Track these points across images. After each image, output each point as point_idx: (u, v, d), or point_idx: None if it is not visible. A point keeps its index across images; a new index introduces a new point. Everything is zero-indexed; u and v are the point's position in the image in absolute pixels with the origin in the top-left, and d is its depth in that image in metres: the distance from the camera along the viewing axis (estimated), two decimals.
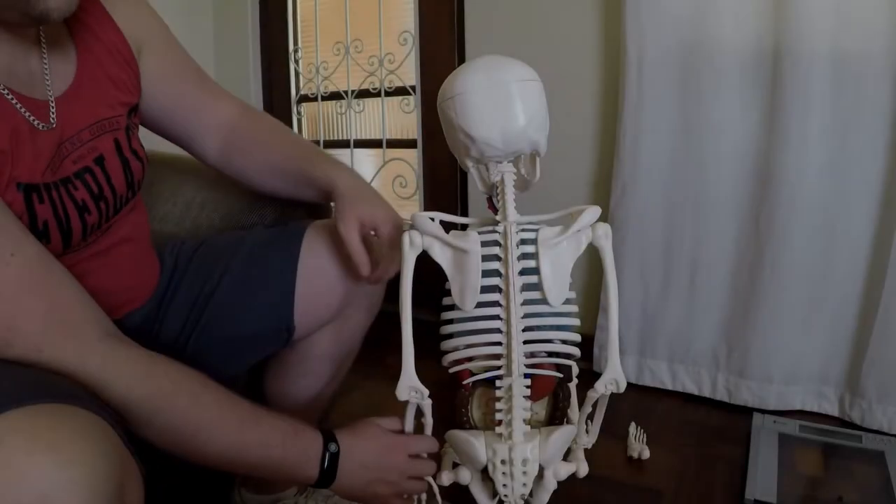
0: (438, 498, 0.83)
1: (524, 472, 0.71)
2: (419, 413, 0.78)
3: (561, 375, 0.76)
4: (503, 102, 0.67)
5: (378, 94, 2.07)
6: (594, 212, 0.73)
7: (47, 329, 0.56)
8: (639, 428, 1.31)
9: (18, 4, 0.58)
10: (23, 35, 0.66)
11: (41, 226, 0.64)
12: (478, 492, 0.79)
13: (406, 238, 0.74)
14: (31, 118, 0.65)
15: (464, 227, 0.79)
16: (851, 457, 1.22)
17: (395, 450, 0.77)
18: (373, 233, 0.83)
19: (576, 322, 0.73)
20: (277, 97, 2.30)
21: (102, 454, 0.47)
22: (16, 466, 0.43)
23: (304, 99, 2.26)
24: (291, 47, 2.24)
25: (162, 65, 0.85)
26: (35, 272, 0.57)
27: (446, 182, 1.90)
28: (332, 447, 0.72)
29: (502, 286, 0.71)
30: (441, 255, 0.74)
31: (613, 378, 0.74)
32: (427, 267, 0.74)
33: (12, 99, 0.63)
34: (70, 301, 0.59)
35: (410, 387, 0.74)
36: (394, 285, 0.94)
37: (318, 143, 2.22)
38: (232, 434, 0.66)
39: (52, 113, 0.68)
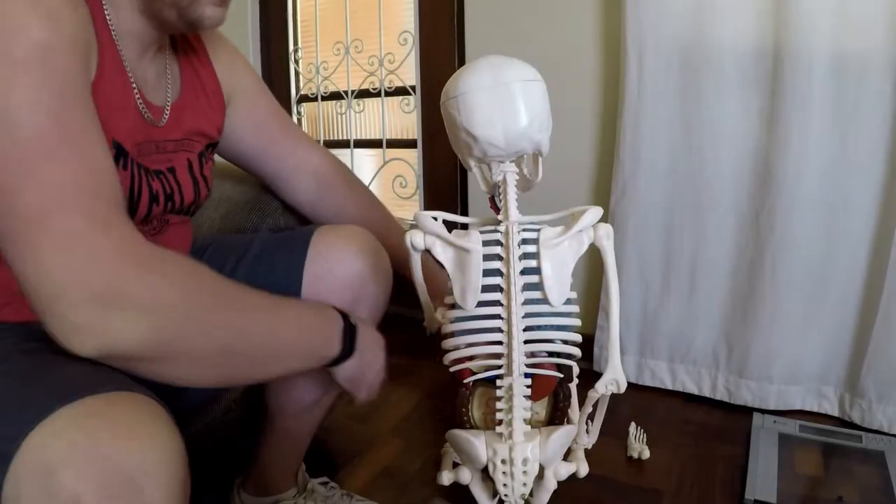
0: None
1: (524, 472, 0.71)
2: None
3: (561, 375, 0.76)
4: (506, 102, 0.67)
5: (378, 94, 2.07)
6: (596, 212, 0.73)
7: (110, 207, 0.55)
8: (639, 428, 1.31)
9: (181, 3, 0.66)
10: (153, 42, 0.73)
11: None
12: (478, 491, 0.79)
13: (408, 239, 0.74)
14: (139, 101, 0.71)
15: (465, 226, 0.79)
16: (851, 457, 1.22)
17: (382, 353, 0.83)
18: None
19: (577, 322, 0.74)
20: (277, 97, 2.27)
21: (174, 438, 0.50)
22: (102, 449, 0.45)
23: (304, 99, 2.26)
24: (291, 47, 2.24)
25: (250, 114, 0.94)
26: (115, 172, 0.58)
27: (446, 182, 1.90)
28: (353, 318, 0.77)
29: (503, 285, 0.71)
30: (443, 255, 0.74)
31: (614, 378, 0.74)
32: None
33: (133, 84, 0.70)
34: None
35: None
36: (395, 287, 0.94)
37: (317, 143, 2.22)
38: (270, 314, 0.64)
39: (166, 114, 0.76)
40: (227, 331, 0.58)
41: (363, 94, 2.10)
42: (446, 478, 0.80)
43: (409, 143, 2.04)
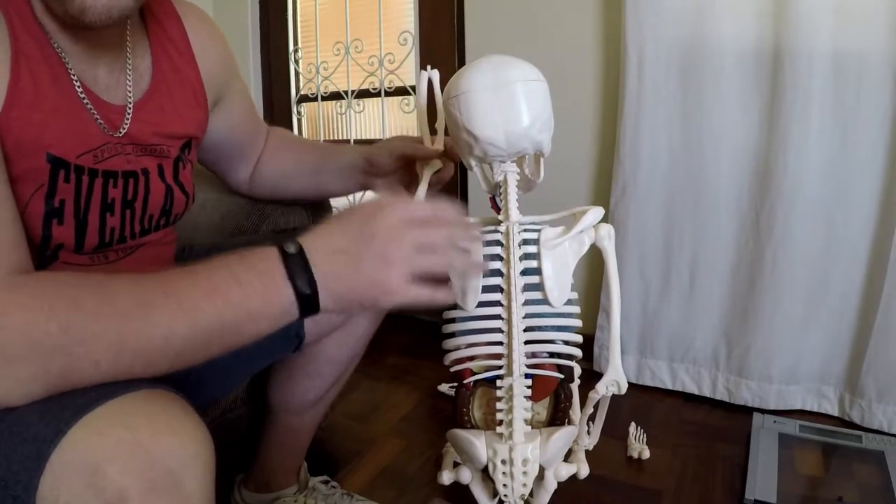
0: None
1: (524, 473, 0.71)
2: None
3: (562, 376, 0.76)
4: (507, 102, 0.67)
5: (378, 94, 2.07)
6: (597, 213, 0.73)
7: None
8: (639, 428, 1.31)
9: None
10: (106, 43, 0.67)
11: (57, 203, 0.63)
12: (478, 491, 0.79)
13: None
14: (87, 103, 0.65)
15: None
16: (851, 457, 1.22)
17: (383, 211, 0.56)
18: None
19: (577, 323, 0.73)
20: (277, 97, 2.29)
21: (205, 432, 0.50)
22: (144, 445, 0.45)
23: (304, 99, 2.26)
24: (291, 47, 2.24)
25: (236, 112, 0.91)
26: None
27: (446, 182, 1.90)
28: (290, 247, 0.54)
29: (504, 286, 0.71)
30: None
31: (615, 379, 0.74)
32: None
33: (77, 84, 0.64)
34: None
35: None
36: None
37: (315, 140, 2.22)
38: (170, 301, 0.51)
39: (128, 115, 0.69)
40: (117, 344, 0.49)
41: (363, 94, 2.10)
42: (447, 477, 0.80)
43: None
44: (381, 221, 0.56)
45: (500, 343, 0.72)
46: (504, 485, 0.71)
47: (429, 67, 0.86)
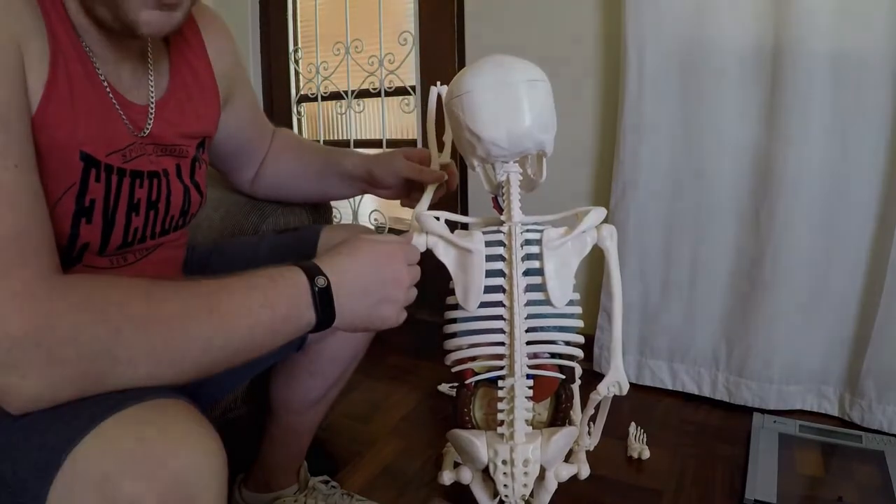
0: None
1: (525, 473, 0.71)
2: None
3: (563, 377, 0.76)
4: (510, 102, 0.67)
5: (378, 94, 2.06)
6: (599, 213, 0.73)
7: (4, 248, 0.48)
8: (639, 428, 1.31)
9: (113, 1, 0.59)
10: (128, 47, 0.68)
11: (88, 202, 0.63)
12: (479, 491, 0.79)
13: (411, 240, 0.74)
14: (115, 103, 0.66)
15: (465, 226, 0.79)
16: (851, 457, 1.23)
17: (393, 258, 0.66)
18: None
19: (579, 323, 0.73)
20: (277, 97, 2.29)
21: (218, 443, 0.49)
22: (158, 456, 0.45)
23: (304, 99, 2.26)
24: (291, 47, 2.24)
25: (243, 111, 0.93)
26: (24, 193, 0.51)
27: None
28: (320, 281, 0.61)
29: (506, 286, 0.71)
30: (445, 255, 0.74)
31: (616, 380, 0.74)
32: (428, 267, 0.74)
33: (105, 84, 0.65)
34: (40, 237, 0.52)
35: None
36: None
37: (317, 143, 2.22)
38: (212, 317, 0.54)
39: (151, 114, 0.71)
40: (159, 352, 0.50)
41: (363, 94, 2.10)
42: (447, 477, 0.80)
43: (410, 144, 2.04)
44: (392, 268, 0.66)
45: (502, 343, 0.72)
46: (505, 485, 0.71)
47: (438, 83, 0.87)
